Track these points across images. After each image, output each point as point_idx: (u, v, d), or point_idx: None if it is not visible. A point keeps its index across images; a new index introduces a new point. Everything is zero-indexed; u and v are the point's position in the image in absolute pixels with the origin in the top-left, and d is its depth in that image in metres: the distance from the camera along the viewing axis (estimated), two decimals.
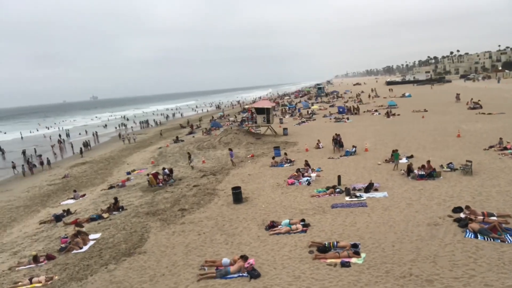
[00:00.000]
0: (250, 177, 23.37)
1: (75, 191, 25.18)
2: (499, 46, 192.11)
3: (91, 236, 16.00)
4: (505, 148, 22.94)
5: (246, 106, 70.41)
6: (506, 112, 39.62)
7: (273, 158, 27.04)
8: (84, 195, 24.77)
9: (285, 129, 41.22)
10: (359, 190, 18.13)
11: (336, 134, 29.85)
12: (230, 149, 29.05)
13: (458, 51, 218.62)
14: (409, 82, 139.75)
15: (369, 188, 17.97)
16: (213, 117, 70.17)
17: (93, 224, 17.98)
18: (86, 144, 51.04)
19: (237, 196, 18.52)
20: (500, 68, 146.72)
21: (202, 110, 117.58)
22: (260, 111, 40.81)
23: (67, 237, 15.91)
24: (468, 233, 12.09)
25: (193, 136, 47.23)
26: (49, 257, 14.21)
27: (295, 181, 20.81)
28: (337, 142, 28.57)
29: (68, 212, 20.50)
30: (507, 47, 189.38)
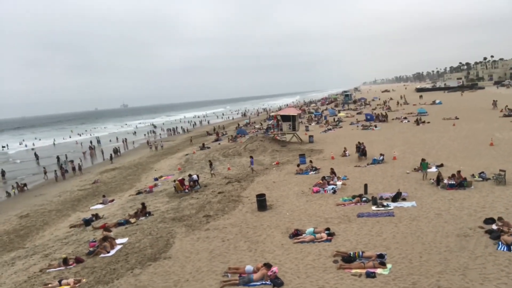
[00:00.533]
0: (275, 184, 23.35)
1: (104, 196, 25.95)
2: None
3: (118, 241, 16.40)
4: None
5: (272, 114, 70.54)
6: None
7: (298, 165, 26.91)
8: (112, 200, 25.48)
9: (310, 136, 40.98)
10: (386, 199, 17.75)
11: (359, 142, 29.44)
12: (251, 157, 29.17)
13: (492, 56, 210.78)
14: (439, 89, 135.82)
15: (396, 197, 17.56)
16: (239, 124, 70.70)
17: (121, 228, 18.43)
18: (116, 151, 52.53)
19: (262, 203, 18.53)
20: None
21: (228, 117, 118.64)
22: (286, 118, 40.77)
23: (95, 241, 16.39)
24: (500, 246, 11.59)
25: (219, 143, 47.72)
26: (78, 260, 14.68)
27: (320, 189, 20.62)
28: (361, 150, 28.13)
29: (97, 216, 21.13)
30: None
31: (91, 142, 71.75)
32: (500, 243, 11.74)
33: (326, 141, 39.42)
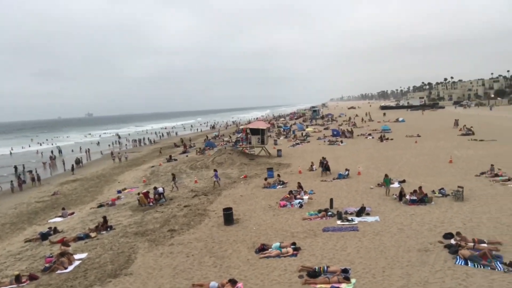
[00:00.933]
0: (242, 198, 23.21)
1: (63, 209, 24.78)
2: (492, 74, 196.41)
3: (77, 256, 15.64)
4: (496, 175, 23.07)
5: (241, 127, 70.67)
6: (497, 139, 40.07)
7: (266, 179, 26.94)
8: (72, 213, 24.38)
9: (279, 150, 41.27)
10: (351, 213, 18.02)
11: (323, 157, 30.02)
12: (215, 170, 28.93)
13: (452, 77, 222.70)
14: (403, 107, 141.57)
15: (361, 212, 17.88)
16: (207, 137, 70.18)
17: (80, 243, 17.60)
18: (78, 161, 50.58)
19: (228, 217, 18.31)
20: (492, 95, 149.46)
21: (197, 129, 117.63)
22: (255, 131, 40.94)
23: (52, 256, 15.54)
24: (458, 260, 12.00)
25: (187, 156, 47.06)
26: (32, 277, 13.81)
27: (287, 203, 20.68)
28: (324, 165, 28.59)
29: (55, 230, 20.09)
30: (500, 75, 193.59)
31: (52, 151, 68.78)
32: (458, 257, 12.15)
33: (294, 155, 39.80)
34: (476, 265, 11.53)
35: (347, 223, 16.85)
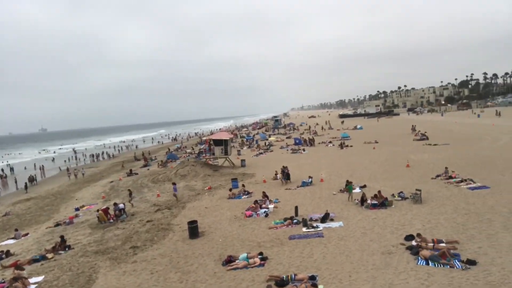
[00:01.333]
0: (207, 210, 22.87)
1: (16, 230, 23.24)
2: (442, 82, 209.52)
3: (32, 280, 14.66)
4: (450, 177, 24.26)
5: (204, 138, 70.11)
6: (450, 143, 42.30)
7: (231, 190, 26.77)
8: (26, 234, 22.92)
9: (243, 160, 41.25)
10: (316, 220, 18.23)
11: (283, 166, 30.38)
12: (174, 183, 28.40)
13: (405, 86, 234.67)
14: (360, 115, 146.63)
15: (325, 218, 18.13)
16: (169, 149, 68.94)
17: (36, 266, 16.53)
18: (31, 179, 47.93)
19: (193, 230, 17.95)
20: (443, 102, 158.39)
21: (159, 142, 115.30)
22: (218, 142, 40.77)
23: (4, 282, 14.48)
24: (420, 260, 12.42)
25: (148, 169, 45.93)
26: None
27: (253, 213, 20.61)
28: (285, 174, 28.92)
29: (7, 253, 18.77)
30: (449, 83, 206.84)
31: (2, 170, 64.79)
32: (419, 258, 12.58)
33: (258, 165, 39.92)
34: (436, 265, 11.99)
35: (312, 230, 17.02)
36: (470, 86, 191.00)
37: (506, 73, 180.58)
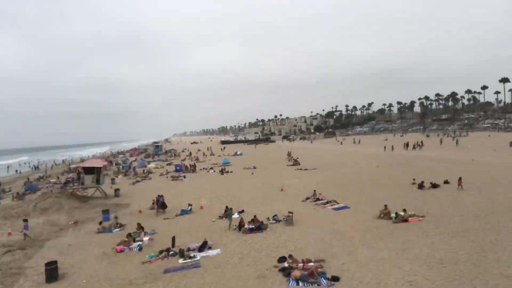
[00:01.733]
0: (71, 248, 20.22)
1: None
2: (311, 112, 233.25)
3: None
4: (318, 199, 26.38)
5: (73, 166, 63.50)
6: (318, 167, 46.44)
7: (101, 223, 24.34)
8: None
9: (116, 190, 38.27)
10: (194, 250, 17.62)
11: (158, 195, 29.38)
12: (25, 220, 24.67)
13: (281, 115, 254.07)
14: (240, 141, 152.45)
15: (203, 247, 17.66)
16: (28, 179, 60.31)
17: None
18: None
19: (51, 272, 15.51)
20: (312, 130, 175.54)
21: (17, 171, 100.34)
22: (89, 170, 37.14)
23: None
24: (291, 282, 12.86)
25: None
26: None
27: (125, 247, 18.93)
28: (159, 203, 27.88)
29: None
30: (317, 114, 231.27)
31: None
32: (291, 279, 13.03)
33: (134, 194, 37.51)
34: (306, 284, 12.55)
35: (189, 260, 16.33)
36: (334, 116, 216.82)
37: (363, 106, 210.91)
